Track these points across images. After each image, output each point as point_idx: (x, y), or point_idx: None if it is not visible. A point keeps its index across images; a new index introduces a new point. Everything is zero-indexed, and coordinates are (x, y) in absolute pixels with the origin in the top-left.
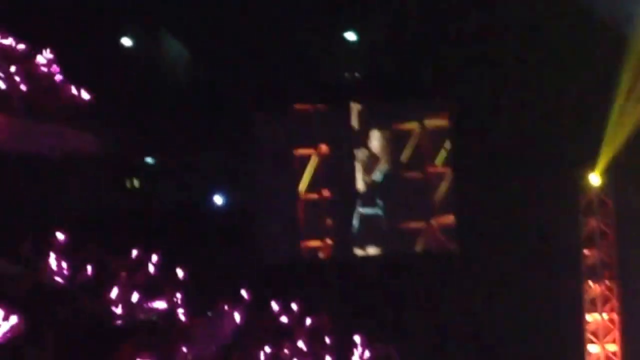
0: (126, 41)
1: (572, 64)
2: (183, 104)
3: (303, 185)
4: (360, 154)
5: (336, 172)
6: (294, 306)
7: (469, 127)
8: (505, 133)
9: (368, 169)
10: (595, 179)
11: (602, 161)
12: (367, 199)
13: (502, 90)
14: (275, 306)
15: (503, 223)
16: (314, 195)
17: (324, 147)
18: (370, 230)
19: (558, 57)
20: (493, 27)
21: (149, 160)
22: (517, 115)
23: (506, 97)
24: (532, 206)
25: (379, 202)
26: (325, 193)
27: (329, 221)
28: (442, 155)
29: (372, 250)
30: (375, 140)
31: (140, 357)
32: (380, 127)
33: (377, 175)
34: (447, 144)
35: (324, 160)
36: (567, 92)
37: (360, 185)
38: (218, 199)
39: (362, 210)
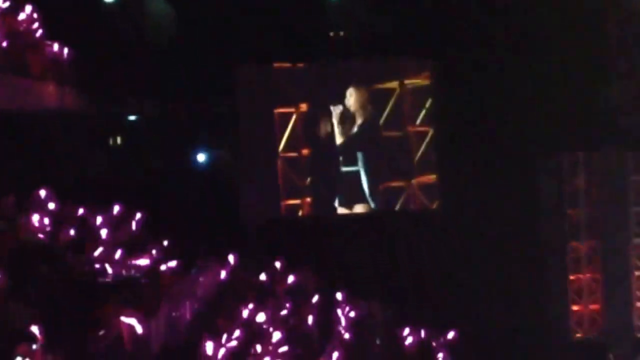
0: None
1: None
2: (165, 61)
3: (283, 143)
4: (341, 112)
5: (316, 130)
6: (277, 264)
7: (450, 86)
8: (487, 92)
9: (348, 128)
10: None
11: None
12: (348, 157)
13: (486, 49)
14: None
15: (485, 183)
16: (294, 154)
17: (303, 106)
18: (351, 188)
19: (544, 16)
20: None
21: (131, 117)
22: (500, 74)
23: (489, 55)
24: (514, 165)
25: (360, 160)
26: (305, 151)
27: (308, 179)
28: (423, 114)
29: (352, 208)
30: (356, 99)
31: (123, 314)
32: (361, 86)
33: (356, 134)
34: (428, 103)
35: (304, 118)
36: (551, 51)
37: (340, 143)
38: (200, 157)
39: (343, 168)
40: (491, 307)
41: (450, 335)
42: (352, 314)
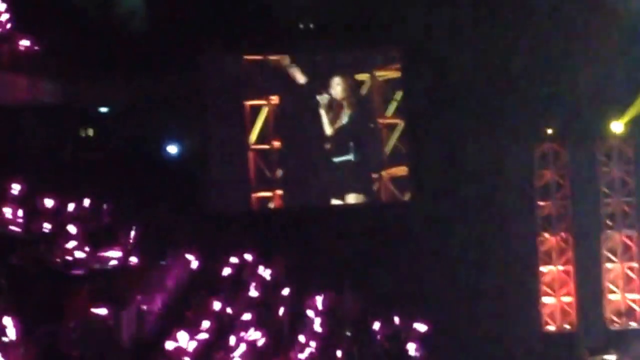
0: None
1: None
2: (135, 53)
3: (253, 136)
4: (309, 105)
5: (287, 123)
6: (248, 256)
7: (420, 77)
8: (457, 84)
9: (335, 117)
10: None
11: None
12: (340, 147)
13: (456, 41)
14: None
15: (455, 174)
16: (265, 146)
17: (274, 98)
18: (344, 178)
19: (513, 8)
20: None
21: (102, 109)
22: (470, 67)
23: (460, 48)
24: (484, 157)
25: (352, 150)
26: (276, 144)
27: (279, 171)
28: (393, 106)
29: (324, 200)
30: (343, 88)
31: (94, 305)
32: (331, 78)
33: (348, 123)
34: (398, 95)
35: (275, 111)
36: (521, 44)
37: (330, 133)
38: (171, 149)
39: (334, 158)
40: (462, 300)
41: (421, 326)
42: (322, 306)
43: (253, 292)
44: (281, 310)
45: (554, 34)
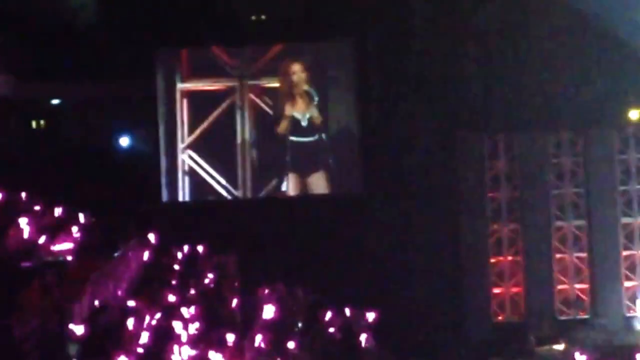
0: None
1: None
2: (87, 46)
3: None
4: (288, 89)
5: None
6: (200, 247)
7: (372, 69)
8: (409, 76)
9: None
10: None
11: None
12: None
13: (408, 32)
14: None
15: (406, 166)
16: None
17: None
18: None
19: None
20: None
21: (53, 102)
22: (422, 58)
23: (412, 39)
24: (436, 149)
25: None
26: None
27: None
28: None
29: (308, 177)
30: (299, 75)
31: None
32: (302, 61)
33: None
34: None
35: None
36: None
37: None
38: (123, 141)
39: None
40: (413, 290)
41: (372, 316)
42: (274, 297)
43: (205, 283)
44: (234, 302)
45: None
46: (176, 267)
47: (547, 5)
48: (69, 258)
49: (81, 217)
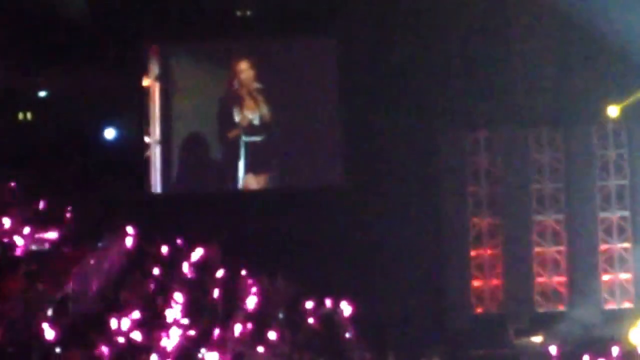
0: None
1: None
2: (74, 37)
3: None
4: (243, 90)
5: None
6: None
7: (354, 63)
8: (391, 71)
9: (251, 105)
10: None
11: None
12: (252, 130)
13: (390, 28)
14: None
15: (387, 159)
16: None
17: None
18: (256, 162)
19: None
20: None
21: (40, 93)
22: (403, 53)
23: (393, 34)
24: (417, 142)
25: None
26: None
27: (214, 154)
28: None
29: (258, 183)
30: (247, 74)
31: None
32: (266, 64)
33: (261, 109)
34: (334, 78)
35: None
36: (454, 31)
37: (243, 117)
38: (109, 133)
39: (245, 139)
40: (393, 282)
41: (350, 308)
42: (255, 289)
43: (187, 274)
44: (215, 292)
45: (488, 25)
46: (160, 257)
47: (528, 2)
48: (54, 248)
49: (66, 208)
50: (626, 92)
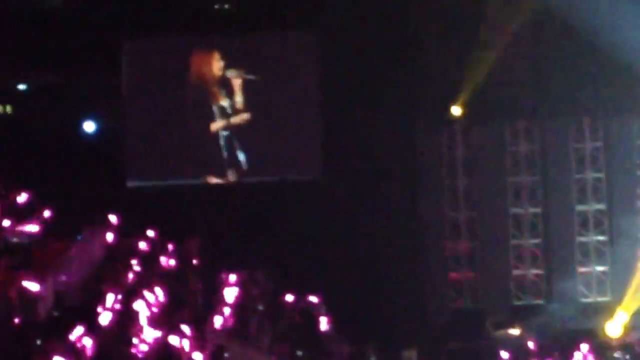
0: None
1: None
2: (55, 31)
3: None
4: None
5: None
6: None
7: (335, 55)
8: (369, 65)
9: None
10: (456, 110)
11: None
12: (231, 123)
13: (369, 21)
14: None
15: (365, 153)
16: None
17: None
18: (234, 155)
19: None
20: None
21: (19, 87)
22: (382, 47)
23: (372, 27)
24: (395, 137)
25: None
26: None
27: (196, 147)
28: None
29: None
30: (238, 73)
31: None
32: (244, 58)
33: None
34: (312, 72)
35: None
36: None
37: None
38: (88, 126)
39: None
40: (371, 275)
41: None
42: (235, 281)
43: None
44: (195, 285)
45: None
46: (139, 249)
47: None
48: (35, 240)
49: (46, 201)
50: (602, 86)
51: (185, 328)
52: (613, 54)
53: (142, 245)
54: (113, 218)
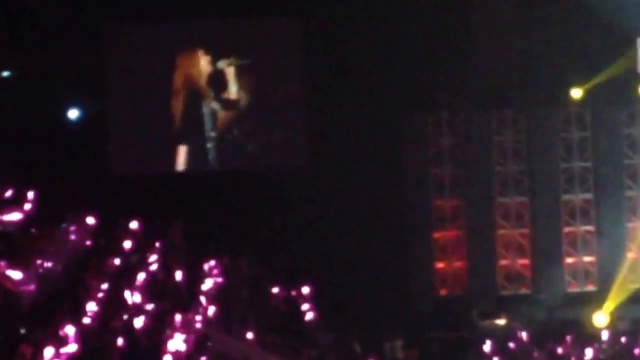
0: None
1: None
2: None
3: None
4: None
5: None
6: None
7: (320, 41)
8: (354, 53)
9: (217, 90)
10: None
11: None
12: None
13: (353, 8)
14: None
15: (350, 142)
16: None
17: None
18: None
19: None
20: None
21: (1, 73)
22: (366, 35)
23: (356, 15)
24: (380, 125)
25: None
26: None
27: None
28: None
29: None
30: (230, 61)
31: None
32: (228, 44)
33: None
34: (297, 58)
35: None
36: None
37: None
38: (72, 113)
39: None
40: (356, 264)
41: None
42: (218, 269)
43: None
44: (178, 273)
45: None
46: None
47: None
48: (19, 228)
49: (30, 189)
50: (590, 75)
51: (169, 317)
52: (600, 42)
53: (125, 233)
54: (95, 206)
